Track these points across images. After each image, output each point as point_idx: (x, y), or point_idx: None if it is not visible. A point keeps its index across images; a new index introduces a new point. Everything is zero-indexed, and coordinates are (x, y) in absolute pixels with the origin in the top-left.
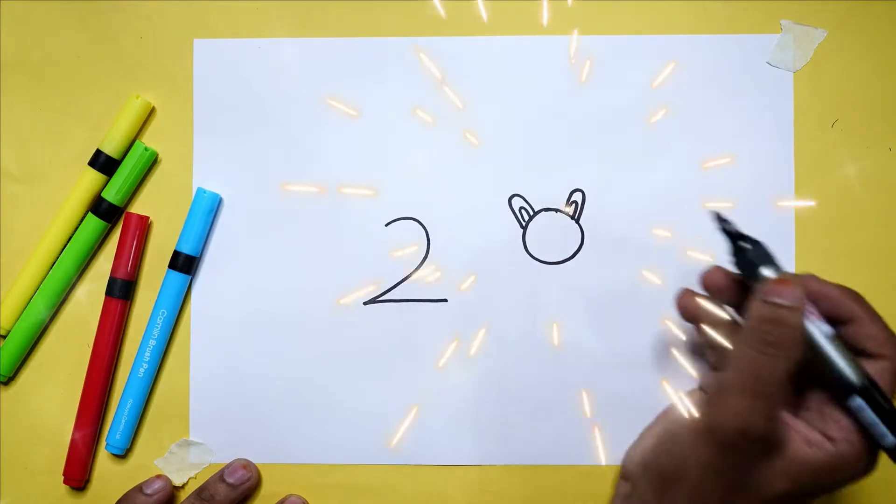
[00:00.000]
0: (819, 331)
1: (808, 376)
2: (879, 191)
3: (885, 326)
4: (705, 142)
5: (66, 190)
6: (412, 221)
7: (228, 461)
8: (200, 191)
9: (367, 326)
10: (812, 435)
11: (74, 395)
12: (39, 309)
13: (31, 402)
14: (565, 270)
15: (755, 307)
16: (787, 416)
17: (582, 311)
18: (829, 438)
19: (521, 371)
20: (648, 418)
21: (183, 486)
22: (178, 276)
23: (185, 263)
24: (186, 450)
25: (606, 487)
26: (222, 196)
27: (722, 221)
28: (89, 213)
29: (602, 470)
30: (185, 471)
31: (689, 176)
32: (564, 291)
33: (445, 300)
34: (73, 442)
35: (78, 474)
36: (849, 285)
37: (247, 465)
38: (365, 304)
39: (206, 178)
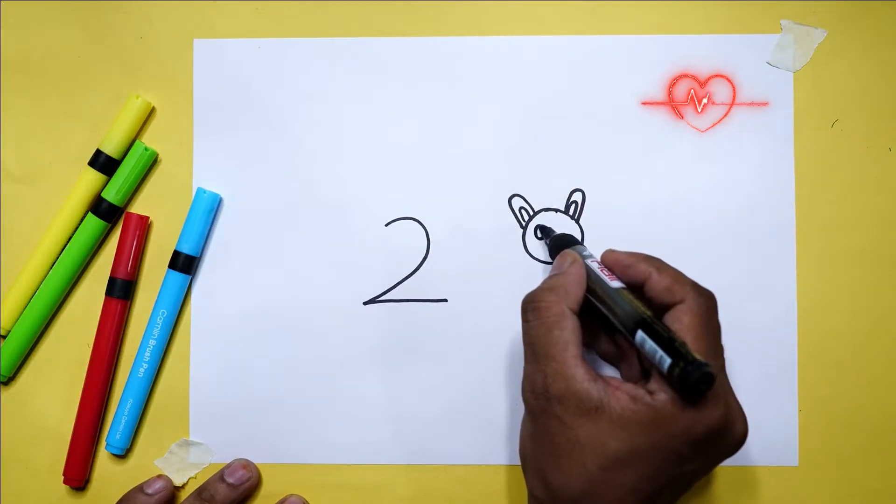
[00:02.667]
0: (605, 286)
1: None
2: (879, 191)
3: (675, 274)
4: (705, 141)
5: (66, 190)
6: (412, 221)
7: (228, 461)
8: (200, 191)
9: (367, 326)
10: (636, 392)
11: (74, 395)
12: (39, 309)
13: (32, 401)
14: None
15: None
16: (614, 380)
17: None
18: (650, 392)
19: (520, 371)
20: None
21: (183, 486)
22: (178, 276)
23: (185, 263)
24: (186, 450)
25: None
26: (222, 196)
27: (543, 230)
28: (89, 213)
29: None
30: (185, 471)
31: (688, 174)
32: None
33: (445, 300)
34: (73, 442)
35: (78, 474)
36: (848, 285)
37: (247, 465)
38: (365, 303)
39: (206, 178)
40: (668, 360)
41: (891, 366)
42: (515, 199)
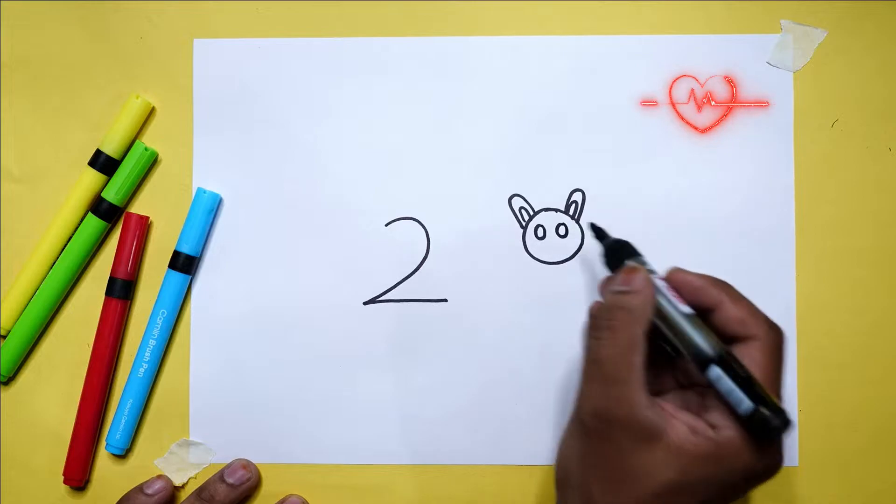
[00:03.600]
0: (676, 311)
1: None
2: (879, 191)
3: (748, 307)
4: (704, 141)
5: (66, 190)
6: (412, 221)
7: (228, 461)
8: (200, 191)
9: (367, 326)
10: (697, 424)
11: (74, 395)
12: (39, 309)
13: (31, 402)
14: (565, 270)
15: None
16: (669, 406)
17: (582, 311)
18: (713, 426)
19: (521, 370)
20: None
21: (183, 486)
22: (178, 276)
23: (185, 263)
24: (186, 450)
25: None
26: (222, 196)
27: (597, 230)
28: (89, 213)
29: None
30: (185, 471)
31: (688, 175)
32: (564, 291)
33: (445, 300)
34: (73, 442)
35: (78, 474)
36: (848, 285)
37: (247, 465)
38: (365, 303)
39: (206, 177)
40: (746, 402)
41: (890, 366)
42: (515, 198)
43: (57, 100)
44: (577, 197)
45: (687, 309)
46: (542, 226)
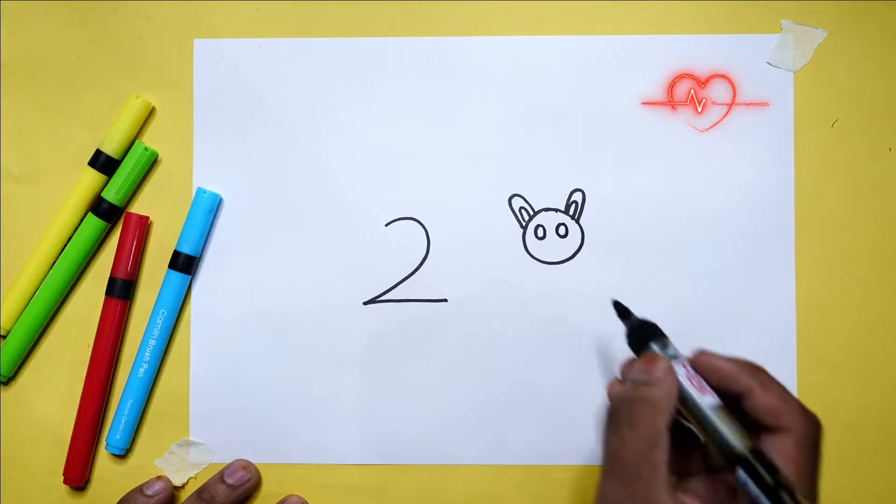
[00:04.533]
0: (702, 401)
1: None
2: (879, 191)
3: (782, 395)
4: (706, 141)
5: (66, 190)
6: (412, 221)
7: (228, 461)
8: (200, 191)
9: (367, 326)
10: None
11: (74, 395)
12: (39, 309)
13: (32, 402)
14: (565, 270)
15: (616, 388)
16: (687, 498)
17: (582, 311)
18: None
19: (520, 370)
20: None
21: (183, 487)
22: (177, 276)
23: (185, 263)
24: (186, 450)
25: None
26: (222, 196)
27: (619, 307)
28: (89, 213)
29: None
30: (185, 471)
31: (688, 174)
32: (564, 291)
33: (445, 300)
34: (73, 442)
35: (78, 474)
36: (848, 285)
37: (247, 465)
38: (365, 304)
39: (206, 178)
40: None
41: (890, 366)
42: (515, 198)
43: (57, 100)
44: (577, 197)
45: (713, 400)
46: (542, 226)
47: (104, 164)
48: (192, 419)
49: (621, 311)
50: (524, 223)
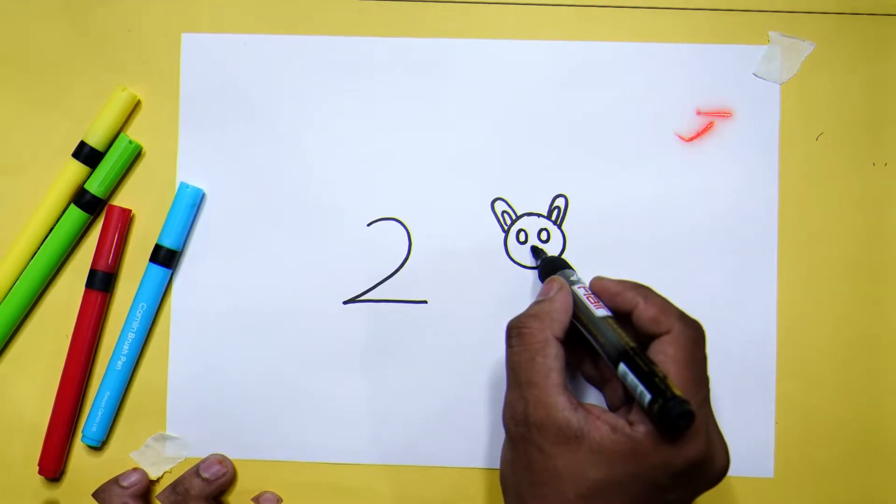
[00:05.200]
0: (590, 314)
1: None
2: (862, 205)
3: (662, 304)
4: (691, 150)
5: (48, 181)
6: (394, 222)
7: (204, 456)
8: (183, 185)
9: (347, 326)
10: (617, 422)
11: (51, 386)
12: (19, 299)
13: (8, 392)
14: None
15: None
16: (595, 408)
17: None
18: (631, 423)
19: (498, 374)
20: None
21: (158, 480)
22: (158, 270)
23: (166, 257)
24: (163, 444)
25: None
26: (205, 191)
27: (535, 251)
28: (71, 205)
29: None
30: (161, 464)
31: (672, 183)
32: None
33: (426, 301)
34: (48, 433)
35: (53, 465)
36: (829, 298)
37: (222, 460)
38: (345, 303)
39: (190, 172)
40: (648, 396)
41: (869, 379)
42: (498, 202)
43: (42, 91)
44: (560, 202)
45: (602, 312)
46: (524, 230)
47: (88, 155)
48: (170, 413)
49: (536, 252)
50: (506, 227)
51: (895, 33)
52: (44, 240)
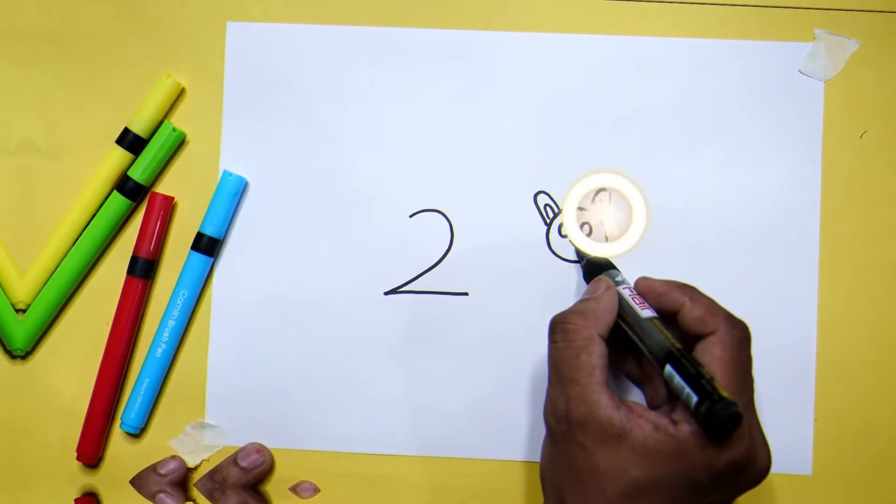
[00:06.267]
0: (636, 315)
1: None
2: None
3: (708, 305)
4: (732, 147)
5: (92, 166)
6: (436, 213)
7: (243, 445)
8: (226, 173)
9: (387, 316)
10: (661, 421)
11: (91, 373)
12: (60, 284)
13: (48, 377)
14: None
15: None
16: (636, 406)
17: None
18: (675, 423)
19: (538, 367)
20: None
21: (196, 468)
22: (200, 258)
23: (208, 245)
24: (201, 431)
25: None
26: (248, 180)
27: (579, 253)
28: (114, 192)
29: None
30: (199, 452)
31: (714, 180)
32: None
33: (466, 294)
34: (87, 419)
35: (91, 451)
36: (870, 297)
37: (260, 449)
38: (386, 294)
39: (233, 161)
40: (695, 398)
41: None
42: (541, 196)
43: (87, 75)
44: (603, 197)
45: (648, 312)
46: (579, 249)
47: (132, 142)
48: (209, 401)
49: (580, 254)
50: (548, 221)
51: None
52: (86, 226)
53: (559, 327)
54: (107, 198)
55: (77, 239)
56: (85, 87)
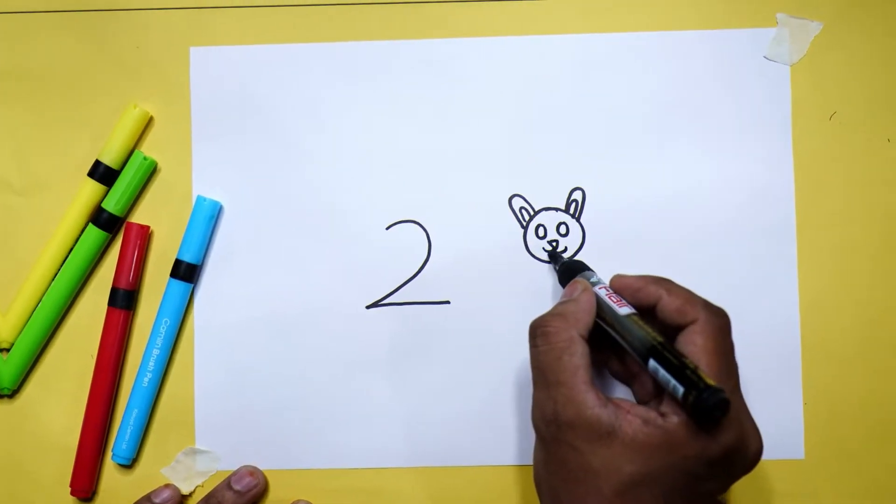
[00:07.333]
0: (614, 313)
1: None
2: (879, 182)
3: (685, 295)
4: (704, 137)
5: (66, 201)
6: (413, 224)
7: (235, 468)
8: (200, 199)
9: (371, 330)
10: (649, 415)
11: (80, 406)
12: (42, 321)
13: (37, 414)
14: None
15: None
16: (623, 402)
17: None
18: (662, 415)
19: (524, 370)
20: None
21: (191, 495)
22: (179, 285)
23: (186, 272)
24: (193, 458)
25: None
26: (222, 203)
27: (552, 256)
28: (90, 224)
29: None
30: (192, 479)
31: (688, 171)
32: None
33: (448, 302)
34: (79, 453)
35: (85, 485)
36: (850, 277)
37: (253, 471)
38: (367, 307)
39: (205, 185)
40: (681, 388)
41: (894, 357)
42: (515, 199)
43: (56, 111)
44: (578, 196)
45: (626, 310)
46: (542, 225)
47: (104, 174)
48: (198, 427)
49: (553, 257)
50: (525, 223)
51: None
52: (64, 261)
53: (539, 331)
54: (83, 231)
55: (56, 274)
56: (55, 123)
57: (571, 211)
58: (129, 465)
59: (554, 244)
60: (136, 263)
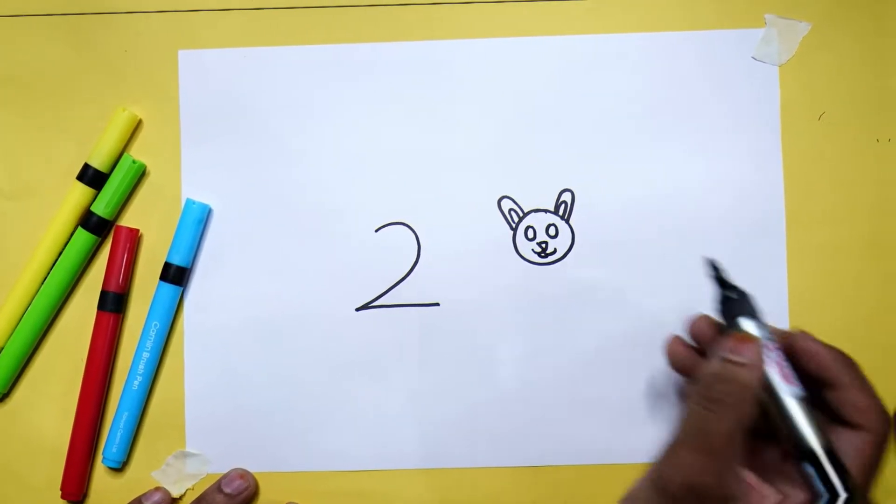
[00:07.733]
0: (785, 390)
1: (773, 432)
2: (868, 182)
3: (871, 396)
4: (693, 138)
5: (55, 205)
6: (402, 226)
7: (225, 471)
8: (189, 202)
9: (361, 332)
10: (768, 492)
11: (70, 410)
12: (32, 324)
13: (27, 417)
14: (556, 270)
15: (709, 362)
16: (744, 472)
17: (574, 311)
18: (784, 496)
19: (515, 371)
20: (650, 414)
21: (181, 498)
22: (169, 288)
23: (176, 275)
24: (183, 461)
25: (603, 488)
26: (212, 206)
27: (714, 269)
28: (79, 228)
29: (600, 470)
30: (183, 482)
31: (677, 172)
32: (556, 291)
33: (438, 304)
34: (69, 456)
35: (76, 488)
36: (839, 277)
37: (244, 474)
38: (357, 310)
39: (194, 188)
40: (826, 496)
41: (884, 357)
42: (505, 200)
43: (44, 115)
44: (567, 197)
45: (797, 390)
46: (531, 227)
47: (92, 177)
48: (188, 430)
49: (716, 272)
50: (514, 225)
51: (892, 7)
52: (53, 264)
53: (717, 395)
54: (72, 235)
55: (45, 278)
56: (44, 127)
57: (561, 212)
58: (119, 468)
59: (544, 245)
60: (126, 267)
